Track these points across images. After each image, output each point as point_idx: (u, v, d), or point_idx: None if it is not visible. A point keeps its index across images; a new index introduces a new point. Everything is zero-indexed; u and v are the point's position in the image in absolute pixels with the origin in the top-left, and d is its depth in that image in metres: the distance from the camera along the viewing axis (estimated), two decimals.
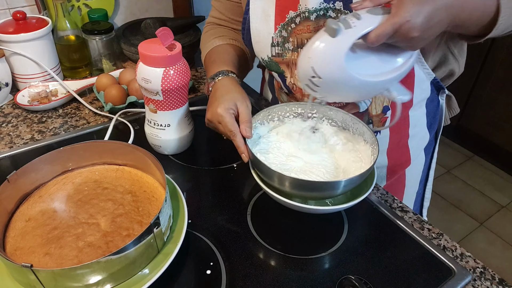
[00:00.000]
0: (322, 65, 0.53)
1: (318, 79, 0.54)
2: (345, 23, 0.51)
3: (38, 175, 0.63)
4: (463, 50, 0.77)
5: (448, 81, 0.82)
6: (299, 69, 0.57)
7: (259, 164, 0.61)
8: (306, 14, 0.70)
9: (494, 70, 2.15)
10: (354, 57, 0.54)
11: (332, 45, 0.52)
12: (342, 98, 0.61)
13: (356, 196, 0.63)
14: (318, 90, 0.56)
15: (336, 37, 0.51)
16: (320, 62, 0.53)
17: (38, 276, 0.47)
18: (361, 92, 0.59)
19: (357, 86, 0.55)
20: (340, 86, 0.55)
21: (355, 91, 0.58)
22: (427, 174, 0.93)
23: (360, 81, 0.54)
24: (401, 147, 0.84)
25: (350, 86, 0.55)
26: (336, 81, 0.54)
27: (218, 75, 0.77)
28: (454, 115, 0.89)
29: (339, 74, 0.53)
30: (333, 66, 0.52)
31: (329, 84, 0.54)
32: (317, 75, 0.53)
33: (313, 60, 0.53)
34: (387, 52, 0.57)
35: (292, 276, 0.58)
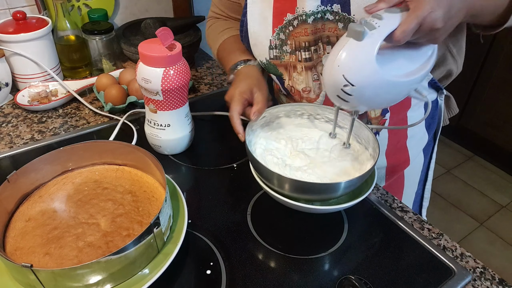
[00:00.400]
0: (354, 71, 0.50)
1: (351, 87, 0.51)
2: (368, 25, 0.49)
3: (38, 175, 0.63)
4: (462, 50, 0.77)
5: (446, 82, 0.82)
6: (327, 81, 0.53)
7: (258, 166, 0.61)
8: (303, 17, 0.69)
9: (494, 70, 2.15)
10: (384, 60, 0.52)
11: (360, 49, 0.49)
12: (373, 104, 0.58)
13: (356, 196, 0.63)
14: (350, 99, 0.53)
15: (363, 40, 0.49)
16: (352, 69, 0.50)
17: (38, 276, 0.47)
18: (392, 95, 0.56)
19: (390, 88, 0.53)
20: (373, 91, 0.52)
21: (387, 95, 0.55)
22: (426, 174, 0.93)
23: (393, 83, 0.52)
24: (400, 148, 0.84)
25: (383, 90, 0.53)
26: (370, 86, 0.51)
27: (239, 64, 0.80)
28: (453, 115, 0.89)
29: (373, 78, 0.50)
30: (365, 70, 0.50)
31: (362, 90, 0.52)
32: (349, 83, 0.50)
33: (342, 68, 0.50)
34: (411, 50, 0.55)
35: (292, 276, 0.58)
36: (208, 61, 1.19)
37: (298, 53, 0.74)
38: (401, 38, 0.49)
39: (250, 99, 0.72)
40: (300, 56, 0.74)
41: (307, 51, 0.73)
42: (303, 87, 0.78)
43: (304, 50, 0.73)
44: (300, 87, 0.78)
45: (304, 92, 0.79)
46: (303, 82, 0.77)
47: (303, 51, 0.73)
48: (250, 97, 0.72)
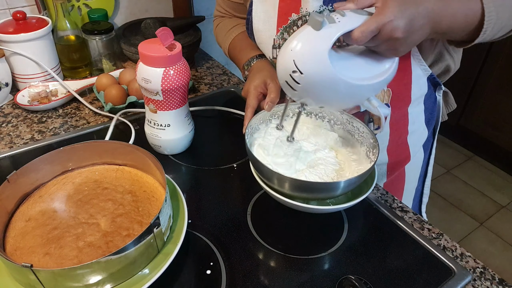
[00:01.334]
0: (305, 58, 0.50)
1: (300, 75, 0.51)
2: (329, 18, 0.49)
3: (38, 175, 0.63)
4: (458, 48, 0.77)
5: (444, 77, 0.82)
6: (279, 63, 0.53)
7: (258, 165, 0.61)
8: (307, 18, 0.70)
9: (494, 70, 2.15)
10: (339, 58, 0.53)
11: (315, 38, 0.49)
12: (320, 100, 0.57)
13: (356, 196, 0.63)
14: (298, 88, 0.53)
15: (320, 31, 0.49)
16: (303, 55, 0.50)
17: (38, 276, 0.47)
18: (342, 97, 0.56)
19: (339, 87, 0.53)
20: (321, 85, 0.52)
21: (335, 94, 0.55)
22: (425, 170, 0.94)
23: (342, 81, 0.52)
24: (401, 144, 0.84)
25: (332, 87, 0.53)
26: (318, 79, 0.51)
27: (252, 60, 0.82)
28: (451, 110, 0.90)
29: (321, 70, 0.50)
30: (315, 60, 0.50)
31: (310, 81, 0.51)
32: (298, 69, 0.50)
33: (294, 52, 0.50)
34: (371, 57, 0.56)
35: (292, 276, 0.58)
36: (208, 61, 1.19)
37: None
38: (358, 37, 0.50)
39: (264, 91, 0.74)
40: None
41: None
42: None
43: None
44: None
45: None
46: None
47: None
48: (264, 90, 0.74)
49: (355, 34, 0.50)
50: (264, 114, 0.72)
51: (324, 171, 0.66)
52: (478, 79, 2.23)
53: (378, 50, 0.55)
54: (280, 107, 0.73)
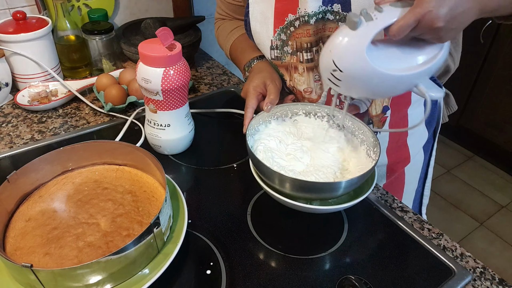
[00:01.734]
0: (343, 58, 0.52)
1: (340, 73, 0.53)
2: (367, 16, 0.50)
3: (38, 175, 0.63)
4: (458, 46, 0.77)
5: (444, 78, 0.82)
6: (320, 63, 0.56)
7: (259, 164, 0.61)
8: (305, 18, 0.69)
9: (494, 70, 2.15)
10: (380, 52, 0.53)
11: (353, 38, 0.51)
12: (366, 93, 0.59)
13: (356, 196, 0.63)
14: (340, 84, 0.55)
15: (357, 30, 0.50)
16: (341, 55, 0.52)
17: (38, 276, 0.47)
18: (386, 87, 0.56)
19: (381, 80, 0.54)
20: (362, 79, 0.54)
21: (379, 86, 0.55)
22: (426, 172, 0.94)
23: (384, 75, 0.53)
24: (401, 146, 0.84)
25: (373, 80, 0.54)
26: (358, 75, 0.53)
27: (253, 61, 0.83)
28: (452, 112, 0.90)
29: (361, 67, 0.52)
30: (354, 59, 0.52)
31: (351, 77, 0.53)
32: (338, 68, 0.53)
33: (333, 53, 0.53)
34: (415, 46, 0.55)
35: (292, 276, 0.58)
36: (208, 61, 1.19)
37: (300, 54, 0.74)
38: (396, 33, 0.50)
39: (264, 92, 0.75)
40: (301, 57, 0.74)
41: (308, 52, 0.73)
42: (304, 88, 0.78)
43: (306, 51, 0.73)
44: (302, 87, 0.78)
45: (305, 92, 0.79)
46: (304, 83, 0.77)
47: (304, 52, 0.73)
48: (264, 91, 0.75)
49: (393, 30, 0.50)
50: (264, 115, 0.72)
51: (325, 170, 0.66)
52: (478, 79, 2.23)
53: (423, 37, 0.53)
54: (280, 109, 0.73)
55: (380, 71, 0.52)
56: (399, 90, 0.59)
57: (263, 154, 0.68)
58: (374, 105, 0.76)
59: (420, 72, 0.55)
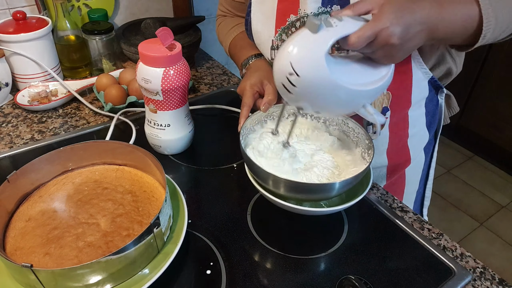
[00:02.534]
0: (301, 61, 0.50)
1: (296, 77, 0.51)
2: (327, 22, 0.50)
3: (38, 175, 0.63)
4: None
5: (446, 80, 0.81)
6: (276, 65, 0.53)
7: (253, 166, 0.61)
8: (305, 19, 0.69)
9: (494, 70, 2.15)
10: (336, 63, 0.53)
11: (312, 41, 0.50)
12: (316, 105, 0.57)
13: (353, 197, 0.63)
14: (294, 91, 0.52)
15: (317, 34, 0.49)
16: (299, 57, 0.50)
17: (38, 276, 0.47)
18: (337, 101, 0.55)
19: (334, 92, 0.53)
20: (318, 88, 0.52)
21: (332, 99, 0.54)
22: (427, 173, 0.93)
23: (338, 86, 0.52)
24: (401, 147, 0.84)
25: (327, 91, 0.52)
26: (314, 82, 0.51)
27: (251, 58, 0.82)
28: (454, 114, 0.89)
29: (318, 73, 0.50)
30: (312, 63, 0.50)
31: (307, 84, 0.51)
32: (295, 71, 0.50)
33: (291, 55, 0.50)
34: (368, 64, 0.56)
35: (292, 276, 0.58)
36: (208, 61, 1.19)
37: None
38: (354, 42, 0.50)
39: (261, 91, 0.74)
40: None
41: None
42: None
43: None
44: None
45: None
46: None
47: None
48: (261, 89, 0.74)
49: (351, 39, 0.50)
50: (260, 114, 0.72)
51: (320, 172, 0.66)
52: (478, 79, 2.23)
53: (374, 56, 0.55)
54: (276, 109, 0.73)
55: (335, 81, 0.51)
56: (348, 107, 0.58)
57: (257, 154, 0.68)
58: (374, 105, 0.76)
59: (372, 90, 0.55)
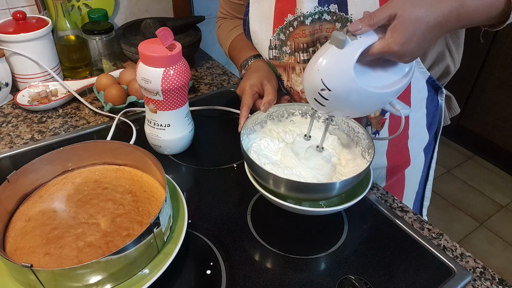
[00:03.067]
0: (332, 77, 0.52)
1: (328, 92, 0.53)
2: (351, 36, 0.51)
3: (38, 175, 0.63)
4: (460, 47, 0.77)
5: (445, 80, 0.81)
6: (306, 83, 0.56)
7: (253, 165, 0.61)
8: (301, 19, 0.69)
9: (494, 71, 2.15)
10: (361, 72, 0.55)
11: (340, 57, 0.52)
12: (348, 112, 0.60)
13: (352, 197, 0.63)
14: (326, 104, 0.55)
15: (343, 48, 0.51)
16: (330, 74, 0.52)
17: (38, 276, 0.47)
18: (367, 105, 0.58)
19: (365, 98, 0.55)
20: (349, 98, 0.54)
21: (362, 104, 0.57)
22: (427, 174, 0.93)
23: (369, 93, 0.54)
24: (401, 148, 0.84)
25: (358, 98, 0.55)
26: (345, 93, 0.53)
27: (250, 59, 0.83)
28: (455, 115, 0.89)
29: (349, 85, 0.52)
30: (342, 77, 0.52)
31: (338, 96, 0.54)
32: (326, 87, 0.53)
33: (322, 72, 0.52)
34: (389, 64, 0.58)
35: (292, 276, 0.58)
36: (208, 61, 1.19)
37: (297, 55, 0.74)
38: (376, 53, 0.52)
39: (260, 91, 0.75)
40: (298, 57, 0.74)
41: (305, 52, 0.73)
42: (301, 88, 0.78)
43: (303, 52, 0.73)
44: (299, 88, 0.78)
45: (303, 93, 0.79)
46: (301, 83, 0.77)
47: (301, 52, 0.73)
48: (260, 90, 0.75)
49: (374, 50, 0.52)
50: (260, 115, 0.72)
51: (320, 171, 0.66)
52: (478, 79, 2.23)
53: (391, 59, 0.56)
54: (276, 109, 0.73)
55: (365, 89, 0.53)
56: (377, 107, 0.61)
57: (257, 154, 0.68)
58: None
59: (396, 89, 0.57)
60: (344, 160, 0.69)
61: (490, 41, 2.10)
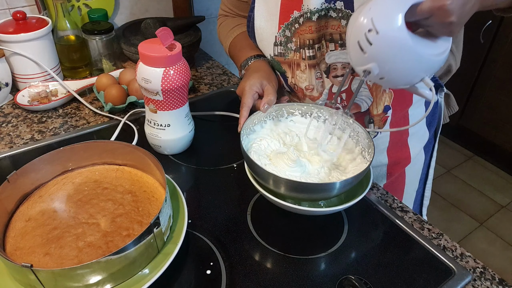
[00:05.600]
0: (383, 18, 0.51)
1: (375, 35, 0.51)
2: None
3: (38, 175, 0.63)
4: (460, 45, 0.77)
5: (445, 78, 0.82)
6: (354, 23, 0.53)
7: (253, 165, 0.61)
8: (308, 15, 0.70)
9: (494, 70, 2.15)
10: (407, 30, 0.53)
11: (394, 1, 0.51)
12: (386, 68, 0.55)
13: (352, 197, 0.63)
14: (368, 50, 0.52)
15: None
16: (381, 15, 0.51)
17: (38, 276, 0.47)
18: (406, 66, 0.55)
19: (407, 54, 0.53)
20: (392, 49, 0.52)
21: (402, 62, 0.54)
22: (427, 173, 0.94)
23: (411, 48, 0.52)
24: (401, 146, 0.84)
25: (401, 53, 0.53)
26: (390, 41, 0.52)
27: (250, 59, 0.83)
28: (453, 113, 0.90)
29: (396, 33, 0.51)
30: (392, 22, 0.50)
31: (383, 42, 0.52)
32: (374, 28, 0.51)
33: (373, 11, 0.51)
34: (428, 39, 0.56)
35: (292, 276, 0.58)
36: (208, 61, 1.19)
37: (302, 51, 0.74)
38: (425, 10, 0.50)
39: (260, 91, 0.74)
40: (304, 54, 0.74)
41: (311, 49, 0.73)
42: (306, 85, 0.78)
43: (308, 48, 0.73)
44: (303, 85, 0.78)
45: (307, 90, 0.79)
46: (306, 80, 0.78)
47: (307, 49, 0.74)
48: (260, 90, 0.74)
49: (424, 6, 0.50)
50: (259, 115, 0.72)
51: (320, 171, 0.66)
52: (478, 79, 2.23)
53: (432, 30, 0.54)
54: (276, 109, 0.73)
55: (410, 42, 0.51)
56: (413, 75, 0.57)
57: (257, 154, 0.68)
58: (376, 104, 0.76)
59: (436, 62, 0.55)
60: (344, 160, 0.69)
61: (490, 41, 2.10)
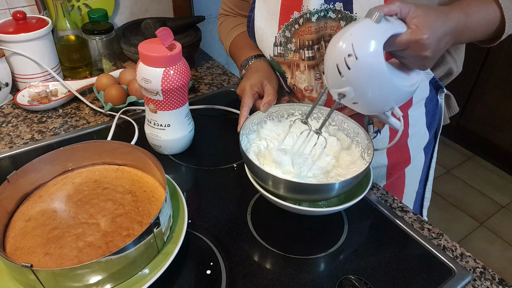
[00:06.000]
0: (362, 44, 0.53)
1: (354, 60, 0.53)
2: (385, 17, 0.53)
3: (38, 175, 0.63)
4: (460, 50, 0.77)
5: (446, 80, 0.82)
6: (335, 46, 0.55)
7: (252, 166, 0.61)
8: (308, 16, 0.70)
9: (494, 70, 2.15)
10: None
11: (375, 30, 0.53)
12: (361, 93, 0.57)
13: (352, 197, 0.63)
14: (346, 74, 0.54)
15: (379, 24, 0.53)
16: (361, 41, 0.53)
17: (38, 276, 0.47)
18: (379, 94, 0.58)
19: (382, 82, 0.56)
20: (368, 75, 0.54)
21: (376, 89, 0.57)
22: (427, 174, 0.93)
23: (386, 77, 0.55)
24: (401, 147, 0.84)
25: (376, 80, 0.55)
26: (368, 68, 0.54)
27: (251, 59, 0.83)
28: (454, 114, 0.89)
29: (374, 60, 0.53)
30: (371, 49, 0.53)
31: (361, 68, 0.54)
32: (354, 53, 0.53)
33: (354, 37, 0.53)
34: (400, 70, 0.59)
35: (292, 276, 0.58)
36: (208, 61, 1.19)
37: (302, 52, 0.74)
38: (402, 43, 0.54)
39: (260, 91, 0.75)
40: (303, 54, 0.74)
41: (310, 49, 0.73)
42: (305, 86, 0.78)
43: (308, 49, 0.73)
44: (303, 85, 0.78)
45: (306, 91, 0.79)
46: (305, 81, 0.78)
47: (306, 49, 0.74)
48: (260, 90, 0.75)
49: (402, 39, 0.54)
50: (259, 115, 0.72)
51: (319, 172, 0.66)
52: (478, 79, 2.23)
53: (407, 62, 0.58)
54: (276, 109, 0.73)
55: (386, 71, 0.54)
56: (384, 103, 0.61)
57: (257, 155, 0.68)
58: None
59: (407, 93, 0.59)
60: (343, 160, 0.69)
61: None
